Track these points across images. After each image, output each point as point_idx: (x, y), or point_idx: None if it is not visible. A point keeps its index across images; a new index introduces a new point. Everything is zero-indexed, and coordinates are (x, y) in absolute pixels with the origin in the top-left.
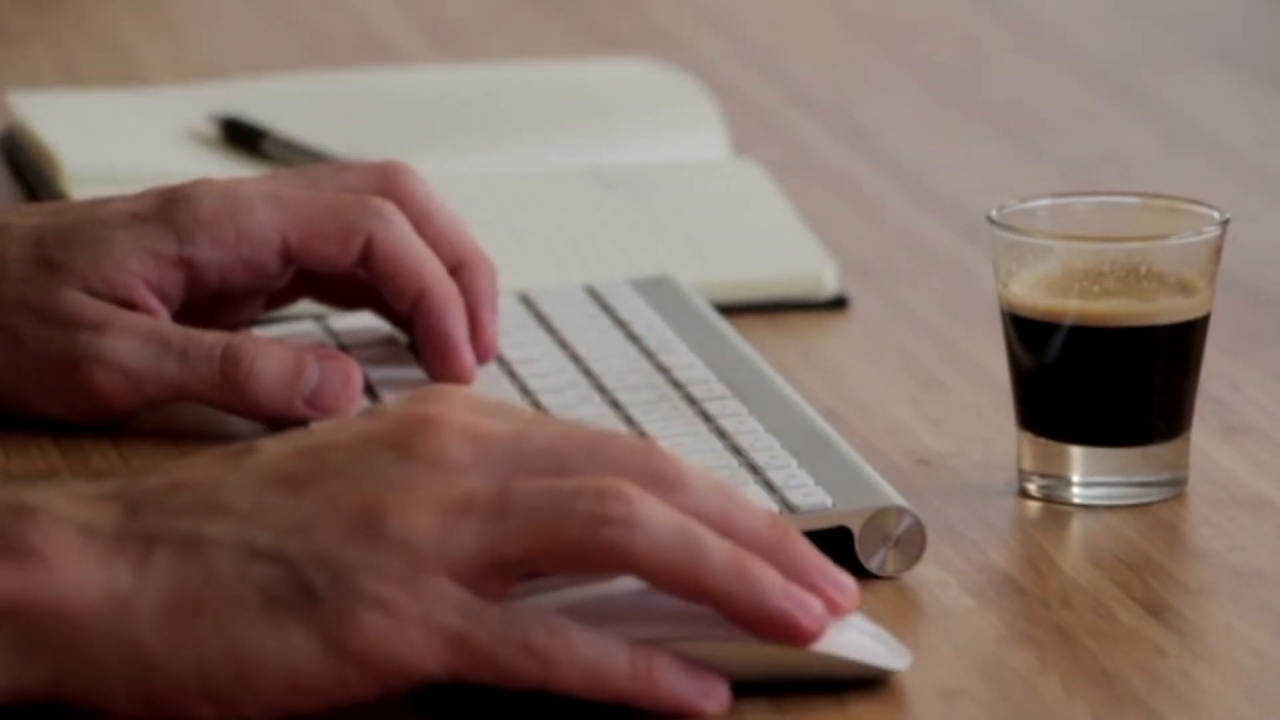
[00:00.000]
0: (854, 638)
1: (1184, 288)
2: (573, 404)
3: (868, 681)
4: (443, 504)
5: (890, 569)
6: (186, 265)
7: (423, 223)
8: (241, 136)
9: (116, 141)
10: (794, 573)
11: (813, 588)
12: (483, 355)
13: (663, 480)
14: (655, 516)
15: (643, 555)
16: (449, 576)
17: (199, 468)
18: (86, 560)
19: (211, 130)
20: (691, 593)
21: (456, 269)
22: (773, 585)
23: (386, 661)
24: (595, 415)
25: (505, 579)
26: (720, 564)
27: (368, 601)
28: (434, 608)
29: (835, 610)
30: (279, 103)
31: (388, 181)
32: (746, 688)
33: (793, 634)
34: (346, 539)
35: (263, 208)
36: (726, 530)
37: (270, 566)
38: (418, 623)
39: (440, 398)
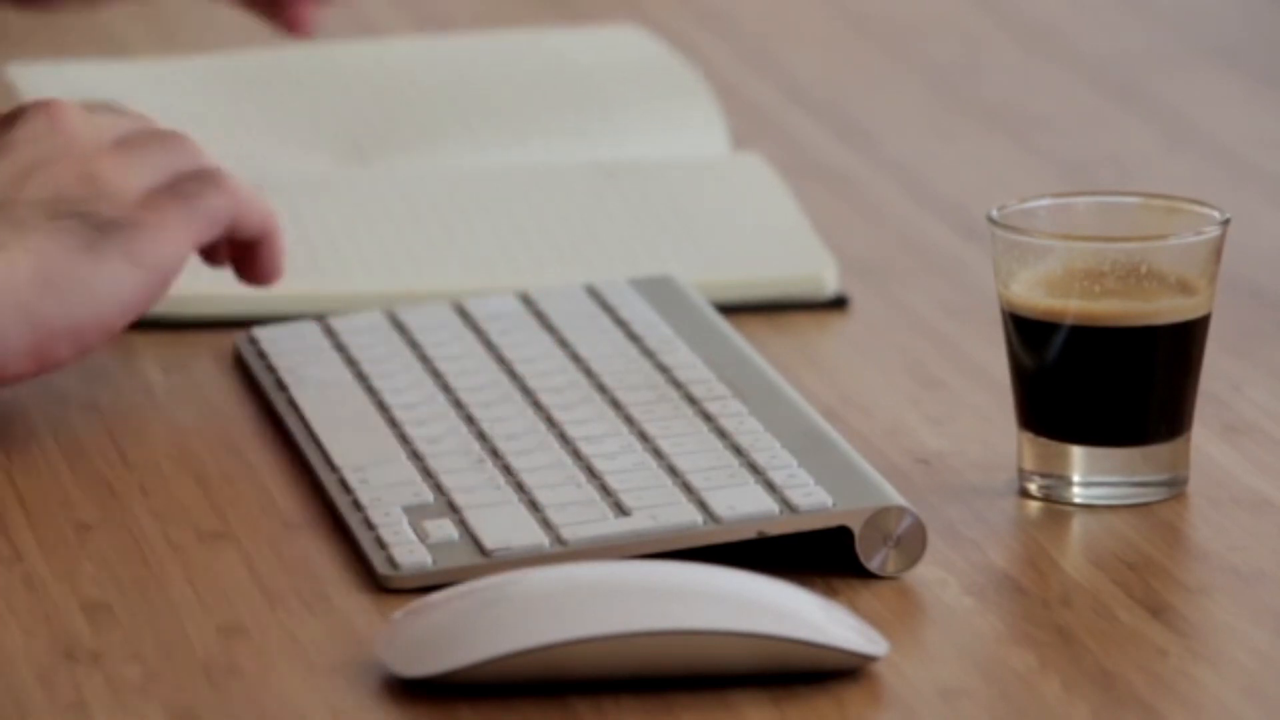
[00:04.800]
0: (838, 630)
1: (1184, 288)
2: (573, 403)
3: (867, 681)
4: (118, 150)
5: (891, 569)
6: None
7: None
8: None
9: None
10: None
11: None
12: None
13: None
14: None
15: (235, 187)
16: (154, 188)
17: None
18: None
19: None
20: (260, 223)
21: None
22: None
23: (166, 261)
24: (595, 415)
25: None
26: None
27: (130, 228)
28: (161, 205)
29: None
30: (273, 78)
31: None
32: (746, 685)
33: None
34: (86, 196)
35: None
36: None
37: (71, 220)
38: (159, 224)
39: (32, 103)
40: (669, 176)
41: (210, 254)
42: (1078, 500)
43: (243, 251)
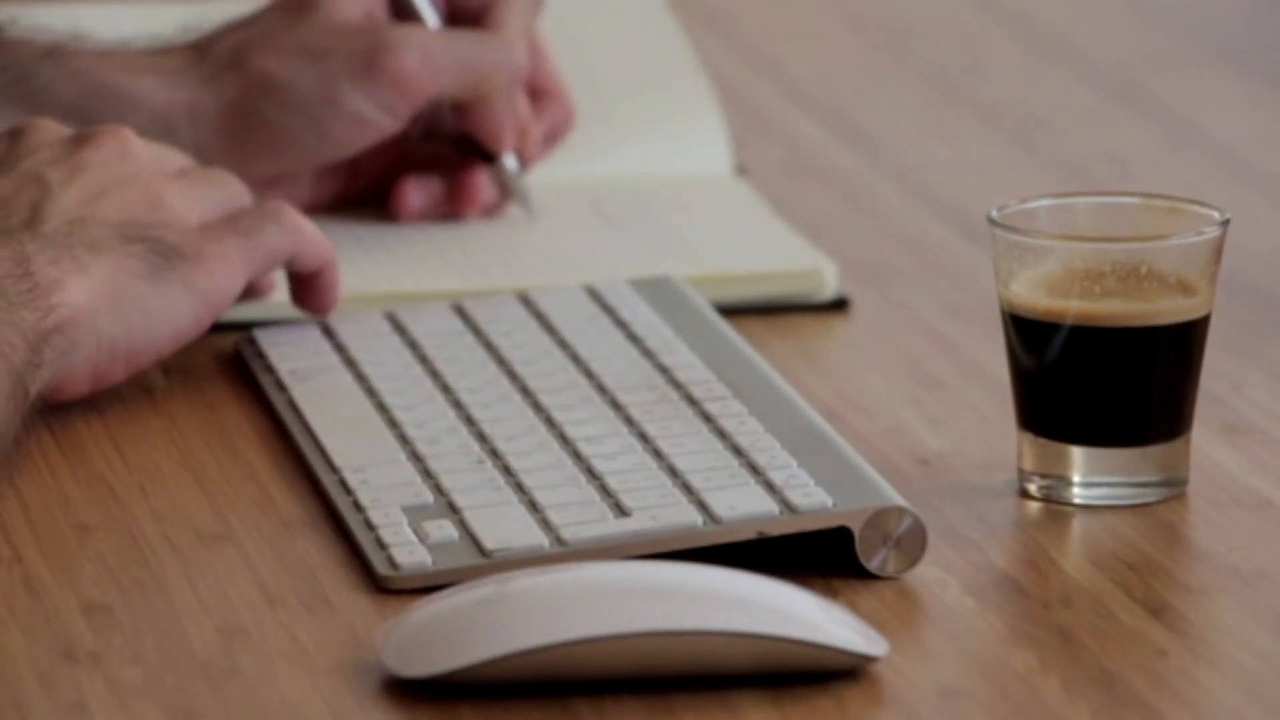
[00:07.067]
0: (838, 630)
1: (1184, 288)
2: (573, 404)
3: (867, 681)
4: (181, 178)
5: (891, 569)
6: None
7: None
8: None
9: None
10: None
11: None
12: None
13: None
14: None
15: (295, 223)
16: (211, 220)
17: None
18: (70, 276)
19: None
20: (318, 257)
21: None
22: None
23: (220, 293)
24: (595, 416)
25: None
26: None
27: (192, 258)
28: (223, 238)
29: None
30: None
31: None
32: (746, 685)
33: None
34: (152, 221)
35: None
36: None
37: (138, 245)
38: (220, 256)
39: (97, 128)
40: (663, 203)
41: (248, 288)
42: (1078, 500)
43: (300, 282)
